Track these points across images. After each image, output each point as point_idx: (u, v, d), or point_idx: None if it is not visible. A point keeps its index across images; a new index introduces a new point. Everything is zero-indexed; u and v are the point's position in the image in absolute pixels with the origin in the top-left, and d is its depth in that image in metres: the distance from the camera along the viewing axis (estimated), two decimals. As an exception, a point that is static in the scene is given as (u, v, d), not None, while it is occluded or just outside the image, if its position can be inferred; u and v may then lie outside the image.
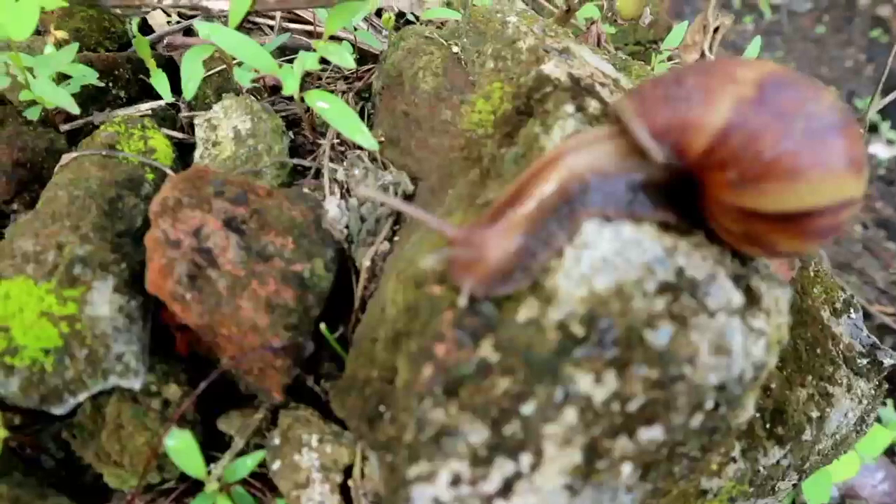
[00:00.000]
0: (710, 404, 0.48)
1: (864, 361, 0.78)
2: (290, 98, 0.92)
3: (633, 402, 0.46)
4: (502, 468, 0.46)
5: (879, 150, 2.23)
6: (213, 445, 0.70)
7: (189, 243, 0.60)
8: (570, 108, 0.60)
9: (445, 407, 0.48)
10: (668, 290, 0.46)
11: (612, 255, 0.48)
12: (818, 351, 0.75)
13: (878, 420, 1.33)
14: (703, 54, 0.70)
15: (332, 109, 0.70)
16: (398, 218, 0.74)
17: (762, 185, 0.44)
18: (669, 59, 1.01)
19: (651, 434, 0.48)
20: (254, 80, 0.89)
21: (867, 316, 1.58)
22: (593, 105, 0.60)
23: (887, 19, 2.56)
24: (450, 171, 0.71)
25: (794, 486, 0.81)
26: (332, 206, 0.70)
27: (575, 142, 0.49)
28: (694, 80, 0.46)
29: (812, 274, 0.79)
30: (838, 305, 0.81)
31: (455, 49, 0.85)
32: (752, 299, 0.50)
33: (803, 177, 0.43)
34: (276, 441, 0.66)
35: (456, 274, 0.49)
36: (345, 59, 0.72)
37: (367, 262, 0.69)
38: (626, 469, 0.49)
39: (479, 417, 0.46)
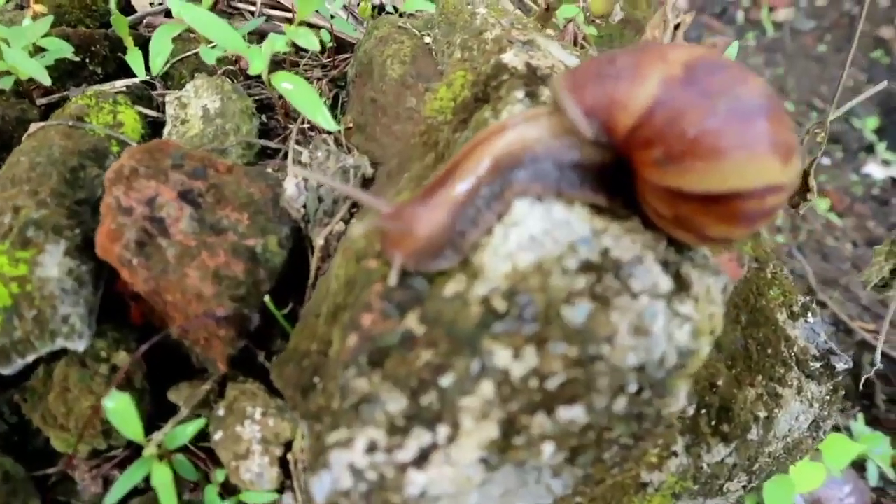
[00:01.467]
0: (632, 387, 0.49)
1: (818, 365, 0.78)
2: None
3: (552, 380, 0.47)
4: (419, 438, 0.46)
5: (874, 169, 2.23)
6: (164, 417, 0.70)
7: (141, 211, 0.62)
8: (520, 93, 0.61)
9: (369, 376, 0.48)
10: (590, 269, 0.47)
11: (541, 233, 0.48)
12: (769, 351, 0.75)
13: (849, 433, 1.32)
14: (662, 51, 0.71)
15: (296, 91, 0.71)
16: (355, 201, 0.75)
17: (686, 164, 0.44)
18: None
19: (571, 414, 0.48)
20: (231, 63, 0.91)
21: (848, 332, 1.57)
22: (546, 93, 0.61)
23: (889, 41, 2.56)
24: (409, 155, 0.72)
25: (745, 488, 0.81)
26: (290, 186, 0.71)
27: (509, 121, 0.50)
28: (625, 59, 0.47)
29: (769, 276, 0.80)
30: (796, 309, 0.81)
31: (427, 39, 0.86)
32: (682, 285, 0.51)
33: (725, 157, 0.44)
34: (221, 412, 0.66)
35: (387, 248, 0.50)
36: (311, 42, 0.73)
37: (320, 242, 0.69)
38: (548, 449, 0.49)
39: (398, 387, 0.47)
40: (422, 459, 0.46)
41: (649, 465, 0.66)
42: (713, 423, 0.70)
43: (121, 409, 0.57)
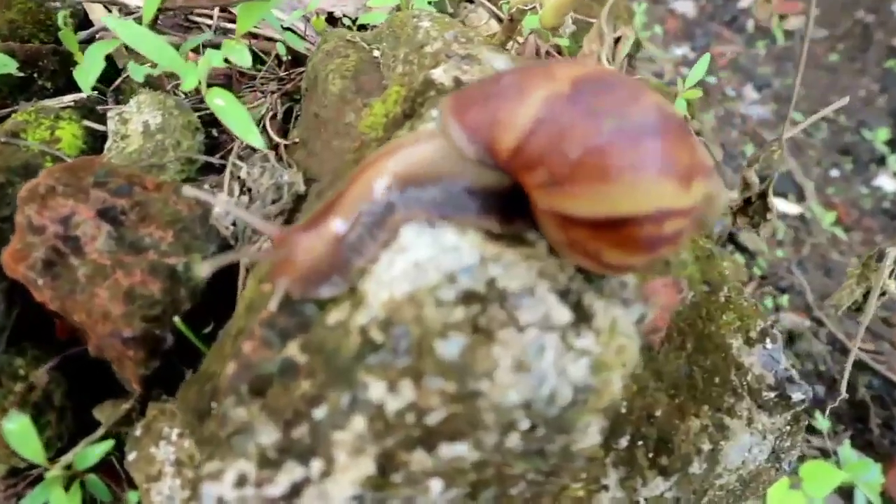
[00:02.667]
0: (524, 424, 0.46)
1: (772, 395, 0.74)
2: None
3: (432, 416, 0.44)
4: (291, 472, 0.44)
5: (885, 182, 2.15)
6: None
7: (53, 230, 0.61)
8: (435, 112, 0.59)
9: (248, 406, 0.47)
10: (473, 299, 0.45)
11: (426, 260, 0.46)
12: (717, 380, 0.71)
13: (837, 461, 1.26)
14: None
15: (227, 108, 0.70)
16: (289, 218, 0.74)
17: (570, 188, 0.42)
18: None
19: (456, 451, 0.45)
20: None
21: (844, 352, 1.51)
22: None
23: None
24: (341, 172, 0.71)
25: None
26: (219, 203, 0.70)
27: (397, 144, 0.48)
28: (511, 77, 0.44)
29: (723, 299, 0.76)
30: (753, 334, 0.77)
31: (375, 53, 0.85)
32: (582, 317, 0.48)
33: (611, 179, 0.41)
34: (138, 432, 0.65)
35: (273, 274, 0.48)
36: (243, 58, 0.72)
37: (245, 261, 0.68)
38: (436, 486, 0.47)
39: (273, 419, 0.45)
40: (293, 495, 0.44)
41: (576, 499, 0.63)
42: (651, 455, 0.67)
43: (20, 431, 0.56)
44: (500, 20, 1.22)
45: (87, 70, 0.71)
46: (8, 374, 0.64)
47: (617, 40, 0.68)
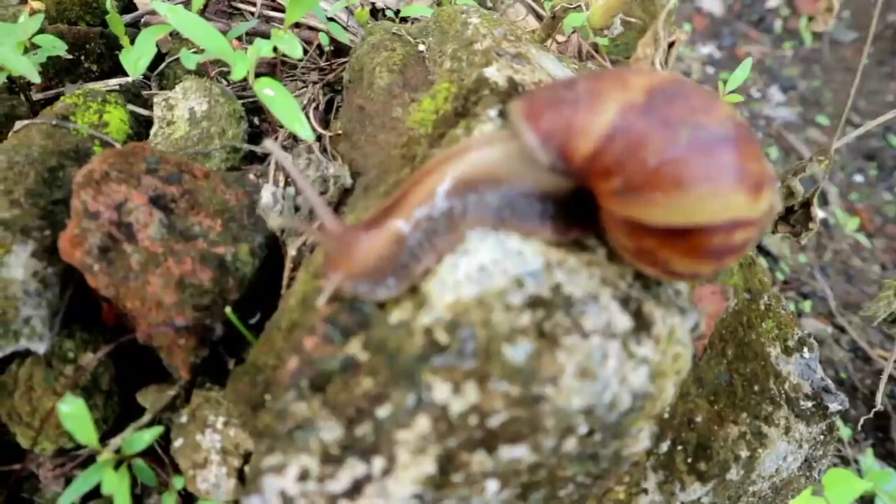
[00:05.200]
0: (582, 429, 0.47)
1: (809, 405, 0.74)
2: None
3: (494, 418, 0.45)
4: (353, 469, 0.45)
5: (910, 189, 2.13)
6: (137, 419, 0.70)
7: (108, 216, 0.61)
8: (493, 112, 0.59)
9: (309, 401, 0.47)
10: (538, 305, 0.45)
11: (490, 264, 0.46)
12: (756, 388, 0.71)
13: (859, 468, 1.26)
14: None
15: (276, 98, 0.70)
16: (336, 209, 0.74)
17: (647, 196, 0.42)
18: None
19: (515, 453, 0.46)
20: (225, 65, 0.90)
21: (867, 360, 1.50)
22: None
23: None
24: (388, 167, 0.71)
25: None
26: (266, 194, 0.70)
27: (461, 148, 0.48)
28: (585, 84, 0.44)
29: (763, 308, 0.76)
30: (791, 343, 0.77)
31: (421, 47, 0.84)
32: (642, 325, 0.48)
33: (688, 189, 0.41)
34: (184, 419, 0.66)
35: (327, 268, 0.48)
36: (294, 49, 0.72)
37: (292, 252, 0.68)
38: (491, 486, 0.47)
39: (335, 415, 0.46)
40: (354, 491, 0.45)
41: (617, 501, 0.64)
42: (689, 460, 0.67)
43: (75, 414, 0.57)
44: (538, 17, 1.21)
45: (138, 55, 0.71)
46: (58, 357, 0.65)
47: (671, 45, 0.68)
